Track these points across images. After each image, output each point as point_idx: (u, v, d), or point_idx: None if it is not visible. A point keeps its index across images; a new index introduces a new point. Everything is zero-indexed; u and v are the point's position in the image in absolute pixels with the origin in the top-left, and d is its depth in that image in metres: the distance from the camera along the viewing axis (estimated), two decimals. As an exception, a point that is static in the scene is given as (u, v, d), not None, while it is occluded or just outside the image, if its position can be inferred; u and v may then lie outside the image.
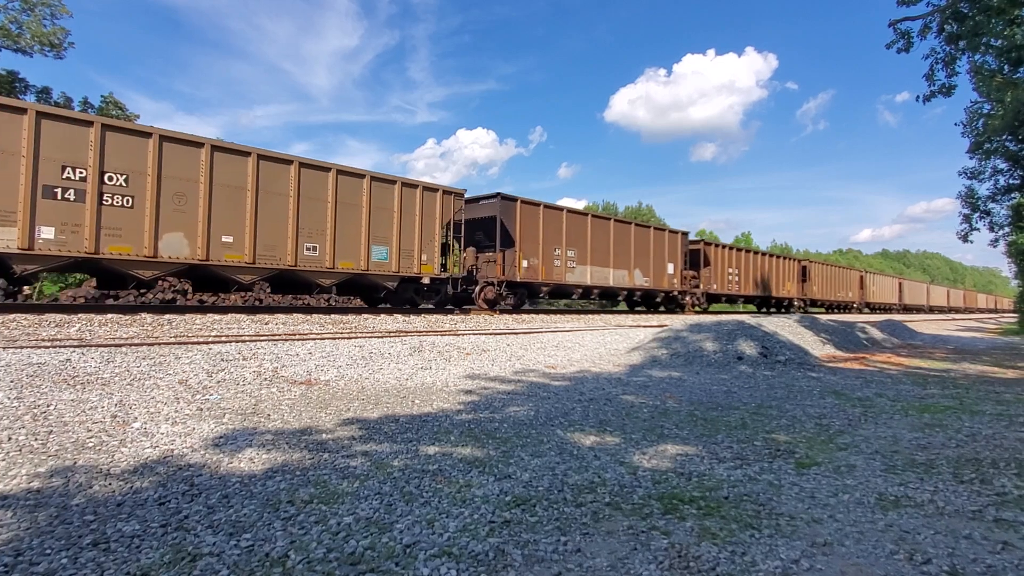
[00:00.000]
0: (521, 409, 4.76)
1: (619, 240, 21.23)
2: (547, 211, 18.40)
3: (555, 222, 18.74)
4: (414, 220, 14.74)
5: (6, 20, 24.12)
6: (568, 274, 18.94)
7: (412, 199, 14.70)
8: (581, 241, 19.58)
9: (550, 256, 18.37)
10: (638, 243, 22.10)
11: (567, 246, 18.96)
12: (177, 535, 2.21)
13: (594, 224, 20.34)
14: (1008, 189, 20.85)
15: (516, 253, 17.12)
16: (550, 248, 18.37)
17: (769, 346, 8.82)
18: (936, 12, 11.97)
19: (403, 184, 14.58)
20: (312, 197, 12.85)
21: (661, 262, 23.30)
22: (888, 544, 2.32)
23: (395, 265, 14.31)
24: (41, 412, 3.80)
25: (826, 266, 38.21)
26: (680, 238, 24.62)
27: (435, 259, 15.19)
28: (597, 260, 20.14)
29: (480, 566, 2.03)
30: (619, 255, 21.13)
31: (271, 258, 12.21)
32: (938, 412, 5.18)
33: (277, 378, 5.64)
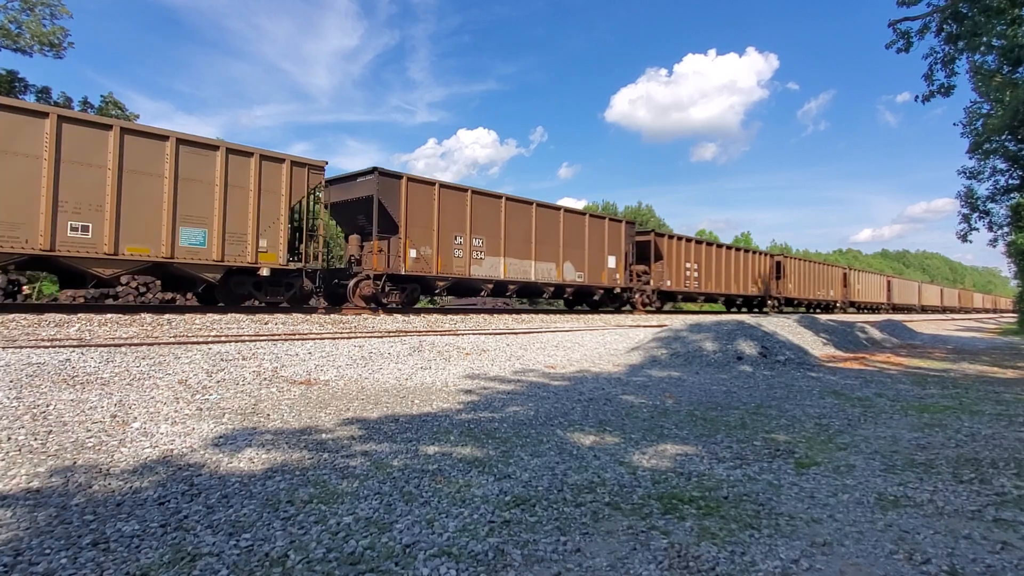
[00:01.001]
0: (521, 409, 4.76)
1: (544, 228, 18.15)
2: (445, 192, 15.32)
3: (456, 205, 15.58)
4: (248, 197, 11.73)
5: (6, 20, 24.11)
6: (474, 267, 15.87)
7: (244, 171, 11.68)
8: (492, 228, 16.43)
9: (448, 245, 15.27)
10: (569, 232, 19.06)
11: (473, 234, 15.83)
12: (177, 535, 2.21)
13: (511, 209, 17.15)
14: (1007, 189, 20.86)
15: (401, 241, 14.21)
16: (448, 235, 15.27)
17: (769, 346, 8.82)
18: (935, 12, 11.98)
19: (230, 151, 11.50)
20: (82, 162, 9.80)
21: (599, 255, 20.18)
22: (888, 544, 2.32)
23: (217, 252, 11.28)
24: (40, 412, 3.80)
25: (804, 262, 34.99)
26: (624, 228, 21.45)
27: (280, 246, 12.22)
28: (514, 251, 17.08)
29: (480, 566, 2.03)
30: (544, 245, 18.07)
31: (13, 239, 9.20)
32: (937, 412, 5.18)
33: (277, 378, 5.64)
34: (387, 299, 14.50)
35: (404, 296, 14.96)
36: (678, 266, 24.14)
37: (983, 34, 11.72)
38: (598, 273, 20.28)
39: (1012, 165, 20.13)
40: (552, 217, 18.72)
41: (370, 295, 14.10)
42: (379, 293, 14.19)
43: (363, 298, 14.08)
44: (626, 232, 21.60)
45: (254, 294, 12.51)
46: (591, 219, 20.25)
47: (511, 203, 17.32)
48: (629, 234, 21.80)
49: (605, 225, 20.78)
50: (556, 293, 19.29)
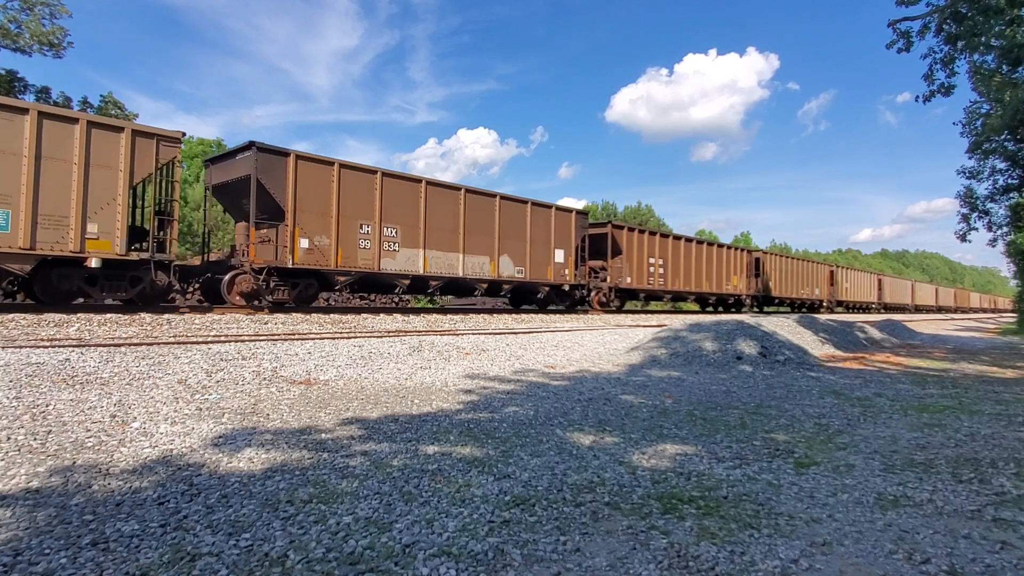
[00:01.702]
0: (520, 409, 4.76)
1: (477, 218, 15.91)
2: (348, 173, 13.24)
3: (362, 189, 13.52)
4: (69, 171, 9.62)
5: (5, 19, 24.09)
6: (385, 260, 13.77)
7: (64, 140, 9.57)
8: (410, 217, 14.33)
9: (352, 234, 13.23)
10: (508, 223, 16.81)
11: (385, 222, 13.75)
12: (176, 535, 2.21)
13: (434, 195, 14.90)
14: (1007, 189, 20.88)
15: (288, 229, 12.28)
16: (352, 224, 13.22)
17: (768, 346, 8.82)
18: (935, 12, 11.98)
19: (44, 115, 9.42)
20: None
21: (544, 248, 17.97)
22: (887, 544, 2.32)
23: (24, 238, 9.17)
24: (40, 412, 3.80)
25: (785, 258, 32.74)
26: (574, 218, 19.13)
27: (116, 232, 10.09)
28: (438, 243, 14.91)
29: (479, 566, 2.03)
30: (476, 237, 15.83)
31: None
32: (937, 412, 5.19)
33: (276, 378, 5.64)
34: (273, 296, 12.42)
35: (295, 293, 12.85)
36: (640, 262, 21.94)
37: (982, 34, 11.72)
38: (542, 268, 18.03)
39: (1011, 165, 20.15)
40: (486, 205, 16.32)
41: (250, 291, 12.09)
42: (261, 289, 12.19)
43: (242, 295, 12.09)
44: (577, 223, 19.19)
45: (86, 290, 10.30)
46: (534, 208, 17.86)
47: (434, 188, 15.02)
48: (581, 226, 19.43)
49: (551, 215, 18.41)
50: (491, 290, 17.05)
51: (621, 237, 21.38)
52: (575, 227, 19.23)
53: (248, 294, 12.15)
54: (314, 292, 13.45)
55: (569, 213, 19.27)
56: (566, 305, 19.77)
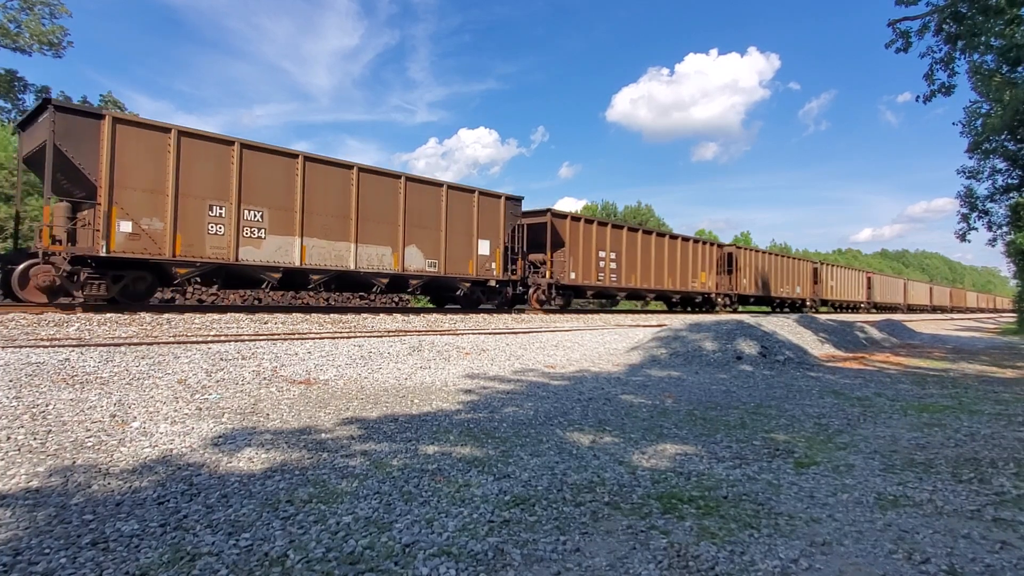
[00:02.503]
0: (520, 409, 4.76)
1: (375, 202, 13.72)
2: (192, 143, 10.97)
3: (214, 163, 11.25)
4: None
5: (5, 19, 24.09)
6: (246, 248, 11.63)
7: None
8: (282, 198, 12.20)
9: (198, 217, 11.04)
10: (417, 208, 14.55)
11: (246, 203, 11.64)
12: (176, 535, 2.21)
13: (316, 174, 12.72)
14: (1007, 188, 20.88)
15: (102, 209, 9.99)
16: (198, 204, 11.04)
17: (768, 345, 8.83)
18: (935, 12, 11.98)
19: None
20: None
21: (464, 239, 15.73)
22: (887, 543, 2.32)
23: None
24: (40, 412, 3.80)
25: (762, 254, 30.67)
26: (503, 205, 16.70)
27: None
28: (321, 230, 12.80)
29: (479, 565, 2.03)
30: (374, 224, 13.67)
31: None
32: (937, 412, 5.19)
33: (276, 377, 5.64)
34: (85, 291, 10.13)
35: (119, 287, 10.62)
36: (587, 255, 19.59)
37: (982, 34, 11.73)
38: (462, 262, 15.68)
39: (1011, 165, 20.15)
40: (387, 188, 14.04)
41: (49, 285, 9.90)
42: (66, 283, 10.00)
43: (42, 290, 9.96)
44: (507, 211, 16.80)
45: None
46: (452, 192, 15.41)
47: (316, 166, 12.76)
48: (512, 213, 17.07)
49: (474, 201, 16.01)
50: (394, 286, 14.78)
51: (563, 227, 18.98)
52: (504, 215, 16.77)
53: (49, 289, 9.98)
54: (147, 287, 11.25)
55: (497, 199, 16.75)
56: (496, 304, 17.41)
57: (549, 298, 18.58)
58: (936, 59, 12.57)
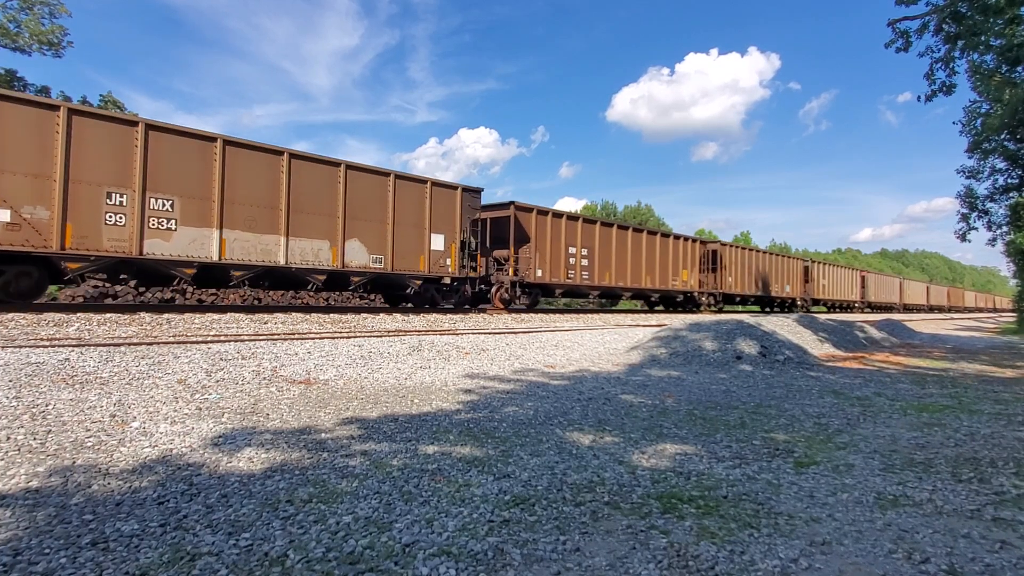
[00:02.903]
0: (520, 408, 4.76)
1: (309, 192, 12.65)
2: (86, 123, 9.93)
3: (112, 147, 10.18)
4: None
5: (4, 19, 24.08)
6: (153, 241, 10.52)
7: None
8: (198, 186, 11.08)
9: (93, 206, 9.94)
10: (359, 199, 13.47)
11: (152, 191, 10.50)
12: (176, 534, 2.21)
13: (237, 160, 11.59)
14: (1006, 188, 20.89)
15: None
16: (93, 191, 9.93)
17: (768, 345, 8.83)
18: (934, 12, 11.98)
19: None
20: None
21: (415, 232, 14.67)
22: (887, 543, 2.32)
23: None
24: (40, 411, 3.80)
25: (749, 251, 29.37)
26: (459, 196, 15.66)
27: None
28: (246, 221, 11.68)
29: (479, 565, 2.03)
30: (309, 216, 12.63)
31: None
32: (936, 411, 5.19)
33: (276, 377, 5.64)
34: None
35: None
36: (555, 251, 18.56)
37: (982, 33, 11.73)
38: (412, 257, 14.64)
39: (1011, 164, 20.16)
40: (325, 176, 12.98)
41: None
42: None
43: None
44: (464, 203, 15.73)
45: None
46: (401, 182, 14.35)
47: (239, 151, 11.63)
48: (470, 206, 15.94)
49: (426, 192, 14.96)
50: (333, 283, 13.80)
51: (529, 221, 17.80)
52: (461, 207, 15.68)
53: None
54: (35, 283, 9.99)
55: (452, 190, 15.57)
56: (453, 303, 16.30)
57: (513, 297, 17.59)
58: (936, 59, 12.58)
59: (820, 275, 36.17)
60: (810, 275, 34.90)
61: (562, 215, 19.25)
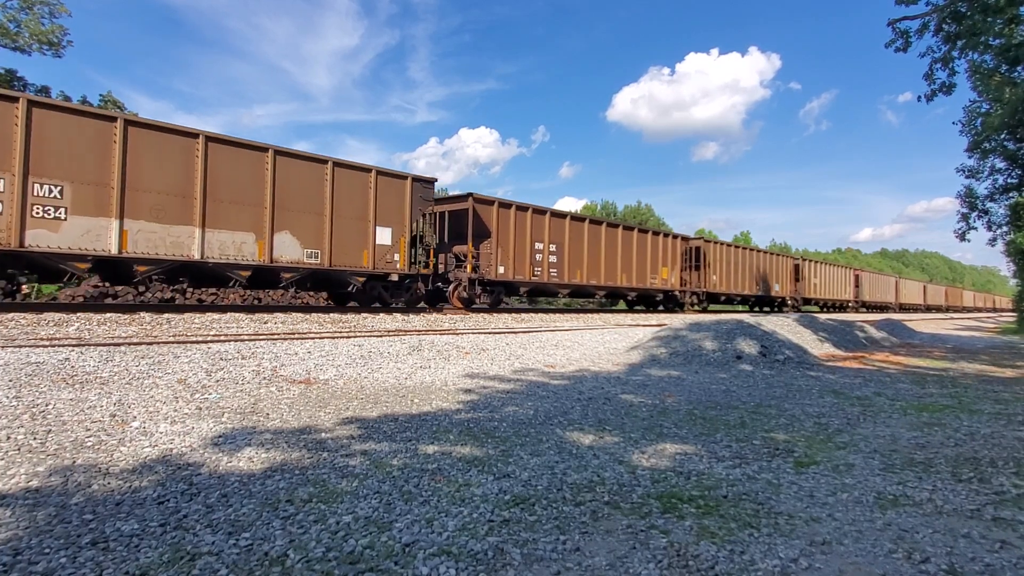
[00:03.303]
0: (520, 408, 4.76)
1: (231, 180, 11.48)
2: None
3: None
4: None
5: (4, 18, 24.07)
6: (36, 231, 9.41)
7: None
8: (94, 171, 9.98)
9: None
10: (292, 188, 12.38)
11: (36, 175, 9.41)
12: (176, 534, 2.21)
13: (141, 142, 10.51)
14: (1006, 188, 20.89)
15: None
16: None
17: (768, 345, 8.83)
18: (934, 12, 11.98)
19: None
20: None
21: (358, 225, 13.55)
22: (887, 543, 2.32)
23: None
24: (40, 411, 3.80)
25: (734, 248, 27.98)
26: (409, 187, 14.42)
27: None
28: (153, 211, 10.58)
29: (479, 565, 2.03)
30: (230, 206, 11.42)
31: None
32: (936, 411, 5.19)
33: (276, 377, 5.64)
34: None
35: None
36: (520, 247, 17.39)
37: (982, 33, 11.72)
38: (353, 252, 13.47)
39: (1011, 164, 20.16)
40: (250, 163, 11.74)
41: None
42: None
43: None
44: (415, 194, 14.49)
45: None
46: (341, 171, 13.19)
47: (144, 132, 10.57)
48: (422, 198, 14.73)
49: (371, 182, 13.74)
50: (260, 280, 12.75)
51: (489, 215, 16.56)
52: (412, 199, 14.44)
53: None
54: None
55: (401, 180, 14.32)
56: (404, 302, 15.02)
57: (473, 295, 16.45)
58: (936, 59, 12.58)
59: (811, 273, 34.93)
60: (801, 273, 33.72)
61: (527, 208, 17.93)
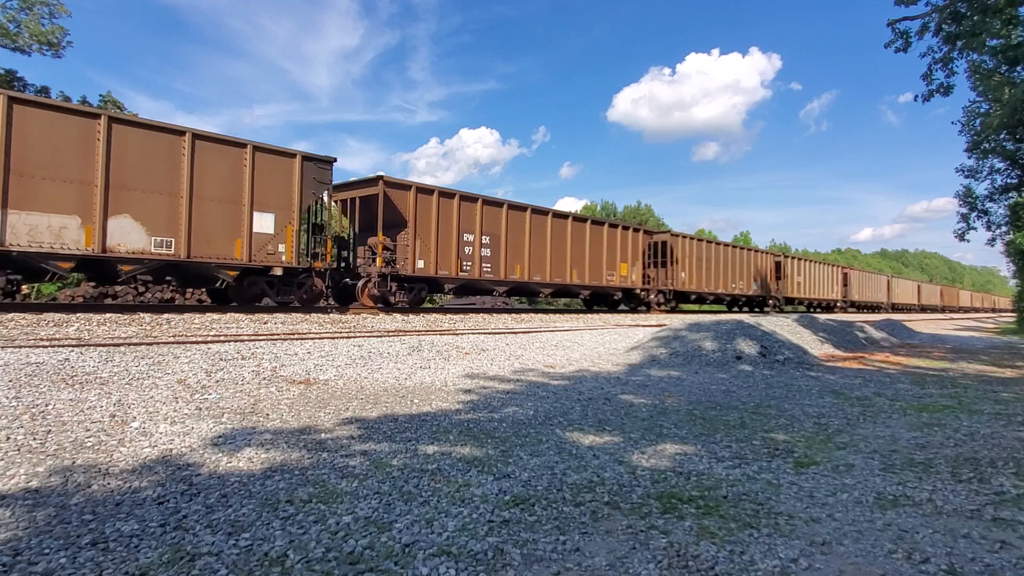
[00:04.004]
0: (520, 408, 4.76)
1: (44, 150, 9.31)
2: None
3: None
4: None
5: (4, 19, 24.07)
6: None
7: None
8: None
9: None
10: (134, 164, 10.16)
11: None
12: (176, 534, 2.21)
13: None
14: (1006, 188, 20.91)
15: None
16: None
17: (768, 345, 8.83)
18: (934, 12, 11.99)
19: None
20: None
21: (228, 209, 11.27)
22: (886, 543, 2.32)
23: None
24: (40, 412, 3.80)
25: (708, 244, 25.87)
26: (298, 166, 12.18)
27: None
28: None
29: (479, 565, 2.03)
30: (45, 181, 9.30)
31: None
32: (936, 411, 5.19)
33: (276, 377, 5.64)
34: None
35: None
36: (445, 239, 15.26)
37: (981, 33, 11.73)
38: (222, 241, 11.26)
39: (1010, 164, 20.18)
40: (75, 131, 9.61)
41: None
42: None
43: None
44: (304, 175, 12.32)
45: None
46: (202, 144, 11.01)
47: None
48: (315, 179, 12.55)
49: (245, 159, 11.49)
50: (91, 272, 11.13)
51: (405, 202, 14.35)
52: (302, 180, 12.27)
53: None
54: None
55: (288, 158, 12.11)
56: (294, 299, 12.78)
57: (386, 293, 14.41)
58: (935, 59, 12.59)
59: (794, 271, 32.30)
60: (782, 271, 31.16)
61: (453, 195, 15.65)
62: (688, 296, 24.78)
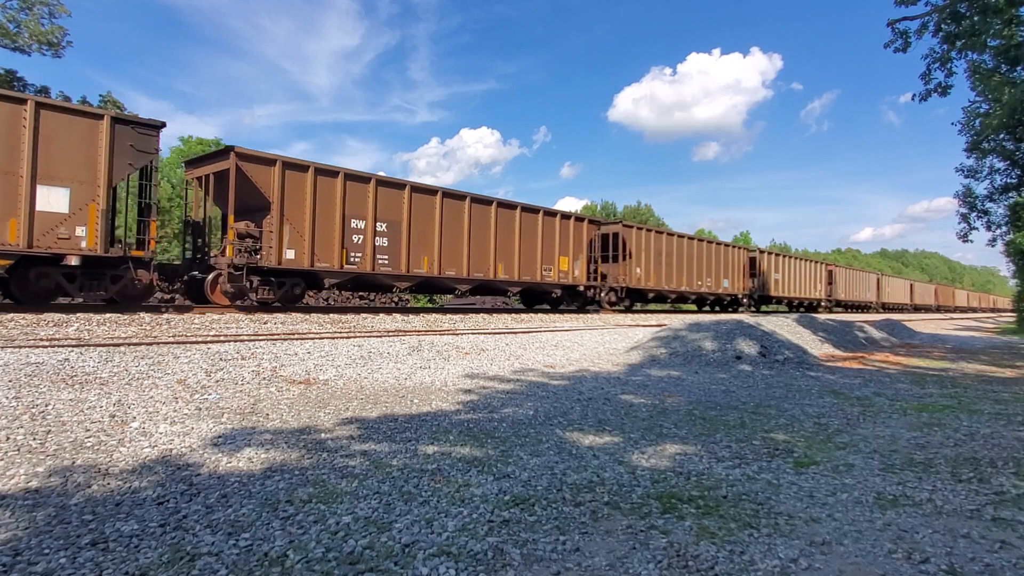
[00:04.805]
0: (520, 408, 4.76)
1: None
2: None
3: None
4: None
5: (4, 19, 24.07)
6: None
7: None
8: None
9: None
10: None
11: None
12: (176, 535, 2.21)
13: None
14: (1006, 188, 20.91)
15: None
16: None
17: (768, 345, 8.83)
18: (934, 12, 11.99)
19: None
20: None
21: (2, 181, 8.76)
22: (886, 543, 2.32)
23: None
24: (39, 412, 3.79)
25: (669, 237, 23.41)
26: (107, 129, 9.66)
27: None
28: None
29: (479, 565, 2.03)
30: None
31: None
32: (936, 411, 5.19)
33: (276, 377, 5.64)
34: None
35: None
36: (327, 226, 12.91)
37: (981, 33, 11.74)
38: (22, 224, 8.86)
39: (1010, 164, 20.18)
40: None
41: None
42: None
43: None
44: (116, 141, 9.82)
45: None
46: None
47: None
48: (133, 147, 10.03)
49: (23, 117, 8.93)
50: None
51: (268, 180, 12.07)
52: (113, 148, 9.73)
53: None
54: None
55: (94, 120, 9.62)
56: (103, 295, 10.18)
57: (243, 289, 11.90)
58: (934, 59, 12.59)
59: (771, 268, 29.74)
60: (757, 268, 28.67)
61: (337, 173, 13.16)
62: (645, 294, 22.12)
